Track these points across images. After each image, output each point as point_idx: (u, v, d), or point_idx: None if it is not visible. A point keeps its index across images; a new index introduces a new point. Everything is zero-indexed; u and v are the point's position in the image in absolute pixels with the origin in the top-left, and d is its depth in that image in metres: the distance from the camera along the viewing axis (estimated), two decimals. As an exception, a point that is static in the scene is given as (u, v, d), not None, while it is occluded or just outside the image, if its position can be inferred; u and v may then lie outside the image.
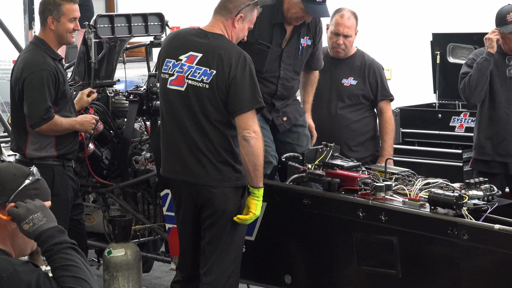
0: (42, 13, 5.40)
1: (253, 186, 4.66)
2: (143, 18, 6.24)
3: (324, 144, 5.15)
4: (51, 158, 5.32)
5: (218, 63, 4.61)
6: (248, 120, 4.57)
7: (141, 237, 6.02)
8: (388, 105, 6.20)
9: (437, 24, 8.87)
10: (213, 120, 4.63)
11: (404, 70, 9.54)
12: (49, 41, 5.38)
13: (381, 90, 6.13)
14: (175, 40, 4.84)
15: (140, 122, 6.17)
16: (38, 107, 5.21)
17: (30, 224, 2.83)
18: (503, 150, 6.05)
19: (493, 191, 4.52)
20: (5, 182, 2.88)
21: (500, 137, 6.07)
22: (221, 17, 4.76)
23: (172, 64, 4.73)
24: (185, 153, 4.70)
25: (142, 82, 7.91)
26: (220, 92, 4.60)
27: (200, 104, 4.63)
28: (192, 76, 4.65)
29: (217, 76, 4.60)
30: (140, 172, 5.88)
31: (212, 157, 4.66)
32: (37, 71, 5.23)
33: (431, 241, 4.37)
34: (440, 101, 8.19)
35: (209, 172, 4.67)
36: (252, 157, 4.58)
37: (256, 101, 4.60)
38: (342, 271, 4.80)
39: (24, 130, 5.32)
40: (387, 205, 4.51)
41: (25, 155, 5.33)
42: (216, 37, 4.71)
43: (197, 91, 4.63)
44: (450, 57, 8.06)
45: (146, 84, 6.03)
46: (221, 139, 4.66)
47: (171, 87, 4.73)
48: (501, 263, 4.15)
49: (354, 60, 6.14)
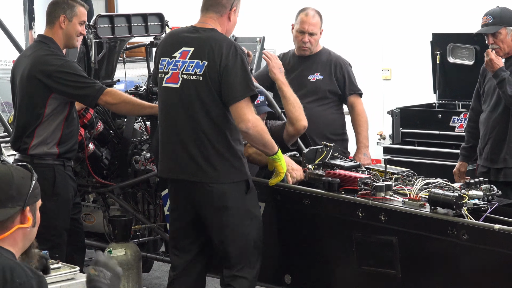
0: (54, 11, 5.37)
1: (270, 155, 4.74)
2: (143, 18, 6.24)
3: (324, 144, 5.15)
4: (51, 157, 5.32)
5: (209, 54, 4.61)
6: (242, 109, 4.58)
7: (141, 237, 6.02)
8: (358, 99, 6.25)
9: (437, 24, 8.86)
10: (211, 113, 4.63)
11: (404, 70, 9.52)
12: (58, 41, 5.39)
13: (349, 85, 6.21)
14: (169, 39, 4.86)
15: (140, 122, 6.17)
16: (86, 84, 5.25)
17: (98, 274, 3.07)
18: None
19: (493, 191, 4.52)
20: (19, 187, 2.90)
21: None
22: (214, 14, 4.76)
23: (167, 63, 4.75)
24: (180, 151, 4.71)
25: (142, 82, 7.91)
26: (213, 82, 4.60)
27: (196, 98, 4.64)
28: (186, 71, 4.67)
29: (208, 67, 4.60)
30: (140, 172, 5.88)
31: (208, 154, 4.65)
32: (63, 61, 5.27)
33: (431, 241, 4.37)
34: (440, 101, 8.19)
35: (205, 170, 4.66)
36: (256, 141, 4.67)
37: (249, 89, 4.61)
38: (342, 271, 4.80)
39: (33, 127, 5.29)
40: (387, 205, 4.51)
41: (27, 152, 5.31)
42: (207, 31, 4.73)
43: (192, 85, 4.64)
44: (450, 57, 8.06)
45: (146, 84, 6.04)
46: (218, 134, 4.66)
47: (167, 85, 4.74)
48: (501, 263, 4.15)
49: (320, 57, 6.24)
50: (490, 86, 5.86)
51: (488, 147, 5.85)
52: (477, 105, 6.04)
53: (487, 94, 5.90)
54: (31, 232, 2.93)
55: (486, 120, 5.86)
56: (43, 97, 5.26)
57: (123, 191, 6.02)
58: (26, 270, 2.82)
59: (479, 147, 5.95)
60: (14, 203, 2.86)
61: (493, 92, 5.83)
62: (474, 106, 6.08)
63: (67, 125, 5.35)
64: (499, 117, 5.78)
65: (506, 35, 5.75)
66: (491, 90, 5.86)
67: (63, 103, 5.31)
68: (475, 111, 6.06)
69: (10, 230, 2.85)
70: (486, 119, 5.87)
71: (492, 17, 5.77)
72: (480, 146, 5.94)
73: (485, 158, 5.87)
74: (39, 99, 5.27)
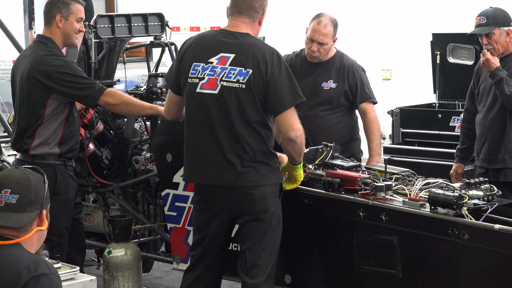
0: (50, 11, 5.37)
1: (295, 164, 4.71)
2: (143, 18, 6.25)
3: (324, 144, 5.15)
4: (53, 157, 5.32)
5: (253, 62, 4.53)
6: (290, 118, 4.54)
7: (141, 237, 6.02)
8: (369, 106, 6.11)
9: (437, 24, 8.87)
10: (251, 121, 4.55)
11: (404, 70, 9.54)
12: (57, 41, 5.39)
13: (360, 93, 6.06)
14: (201, 43, 4.70)
15: (140, 122, 6.17)
16: (86, 84, 5.24)
17: None
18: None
19: (493, 191, 4.52)
20: (37, 191, 2.95)
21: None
22: (247, 18, 4.68)
23: (201, 68, 4.61)
24: (219, 157, 4.59)
25: (142, 82, 7.92)
26: (257, 91, 4.53)
27: (236, 106, 4.54)
28: (227, 78, 4.55)
29: (253, 75, 4.52)
30: (140, 172, 5.88)
31: (248, 159, 4.57)
32: (63, 62, 5.27)
33: (431, 241, 4.37)
34: (440, 101, 8.20)
35: (246, 174, 4.58)
36: (298, 150, 4.63)
37: (297, 96, 4.58)
38: (342, 271, 4.80)
39: (34, 127, 5.29)
40: (388, 205, 4.51)
41: (28, 152, 5.31)
42: (244, 36, 4.64)
43: (232, 92, 4.54)
44: (450, 57, 8.07)
45: (146, 84, 6.04)
46: (257, 140, 4.59)
47: (202, 91, 4.60)
48: (501, 263, 4.15)
49: (333, 63, 6.07)
50: (485, 86, 5.85)
51: (486, 147, 5.83)
52: (471, 106, 6.02)
53: (482, 94, 5.88)
54: (44, 234, 3.01)
55: (482, 121, 5.85)
56: (43, 97, 5.26)
57: (123, 191, 6.02)
58: (49, 265, 2.90)
59: (476, 148, 5.93)
60: (33, 207, 2.92)
61: (489, 92, 5.82)
62: (468, 107, 6.06)
63: (68, 125, 5.35)
64: (495, 117, 5.77)
65: (499, 35, 5.73)
66: (486, 90, 5.85)
67: (63, 103, 5.30)
68: (469, 112, 6.04)
69: (29, 233, 2.92)
70: (482, 119, 5.86)
71: (485, 17, 5.76)
72: (477, 147, 5.93)
73: (482, 159, 5.86)
74: (39, 99, 5.27)
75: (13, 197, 2.90)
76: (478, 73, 5.96)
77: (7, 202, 2.89)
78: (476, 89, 5.96)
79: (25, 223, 2.90)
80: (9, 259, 2.84)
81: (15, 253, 2.87)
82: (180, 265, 5.40)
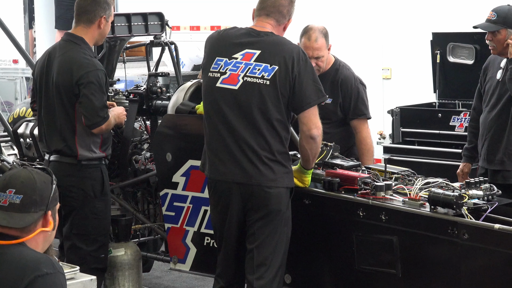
0: (95, 10, 5.27)
1: (308, 168, 4.74)
2: (143, 18, 6.25)
3: (324, 144, 5.15)
4: (98, 160, 5.32)
5: (279, 59, 4.54)
6: (314, 115, 4.58)
7: (141, 236, 6.03)
8: (361, 123, 5.96)
9: (437, 24, 8.85)
10: (272, 118, 4.55)
11: (404, 69, 9.52)
12: (89, 41, 5.31)
13: (353, 109, 5.94)
14: (226, 39, 4.69)
15: (140, 122, 6.17)
16: (99, 106, 5.15)
17: None
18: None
19: (493, 190, 4.51)
20: (42, 192, 2.95)
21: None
22: (274, 21, 4.69)
23: (224, 63, 4.62)
24: (236, 153, 4.57)
25: (142, 82, 7.93)
26: (282, 87, 4.53)
27: (258, 102, 4.54)
28: (251, 73, 4.55)
29: (279, 72, 4.53)
30: (140, 171, 5.88)
31: (265, 157, 4.57)
32: (93, 70, 5.16)
33: (431, 241, 4.37)
34: (440, 100, 8.19)
35: (264, 172, 4.57)
36: (315, 150, 4.67)
37: (321, 94, 4.62)
38: (342, 271, 4.80)
39: (72, 131, 5.24)
40: (387, 205, 4.51)
41: (77, 157, 5.23)
42: (270, 35, 4.65)
43: (255, 88, 4.54)
44: (450, 56, 8.06)
45: (146, 84, 6.04)
46: (275, 139, 4.59)
47: (222, 86, 4.60)
48: (501, 262, 4.15)
49: (328, 77, 5.92)
50: (490, 86, 5.84)
51: (485, 147, 5.83)
52: (478, 105, 6.00)
53: (487, 93, 5.87)
54: (52, 235, 3.01)
55: (484, 120, 5.85)
56: (73, 102, 5.21)
57: (123, 191, 6.02)
58: (55, 263, 2.89)
59: (479, 147, 5.93)
60: (37, 207, 2.93)
61: (493, 91, 5.81)
62: (476, 106, 6.05)
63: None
64: (495, 117, 5.75)
65: (504, 36, 5.68)
66: (491, 89, 5.83)
67: None
68: (477, 111, 6.02)
69: (33, 233, 2.93)
70: (484, 119, 5.85)
71: (497, 15, 5.68)
72: (479, 146, 5.93)
73: (483, 159, 5.85)
74: (69, 104, 5.22)
75: (17, 197, 2.90)
76: (485, 72, 5.94)
77: (11, 202, 2.90)
78: (482, 88, 5.95)
79: (28, 223, 2.90)
80: (13, 258, 2.85)
81: (19, 252, 2.88)
82: (177, 265, 5.39)
